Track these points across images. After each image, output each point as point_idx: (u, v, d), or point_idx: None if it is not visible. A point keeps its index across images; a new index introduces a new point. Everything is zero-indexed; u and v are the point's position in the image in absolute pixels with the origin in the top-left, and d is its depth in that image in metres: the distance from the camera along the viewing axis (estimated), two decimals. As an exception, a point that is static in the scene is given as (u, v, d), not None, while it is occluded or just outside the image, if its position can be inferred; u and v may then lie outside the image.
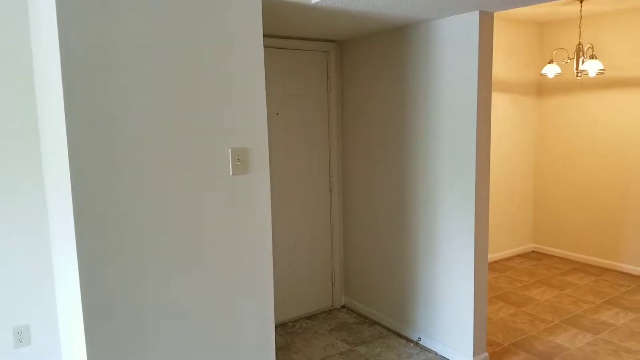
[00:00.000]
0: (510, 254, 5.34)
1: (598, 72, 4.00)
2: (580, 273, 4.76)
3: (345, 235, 3.90)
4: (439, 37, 2.97)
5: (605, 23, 4.64)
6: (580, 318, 3.72)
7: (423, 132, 3.14)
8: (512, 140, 5.18)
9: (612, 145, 4.76)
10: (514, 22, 4.99)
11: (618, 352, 3.18)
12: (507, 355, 3.16)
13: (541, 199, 5.41)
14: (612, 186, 4.79)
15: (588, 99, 4.89)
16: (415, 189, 3.24)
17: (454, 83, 2.90)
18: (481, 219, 2.90)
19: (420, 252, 3.24)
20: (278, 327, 3.61)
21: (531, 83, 5.24)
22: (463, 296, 2.97)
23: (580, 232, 5.09)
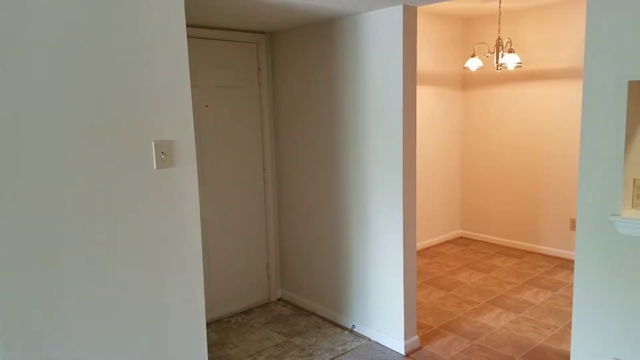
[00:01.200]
0: (440, 240, 5.56)
1: (516, 66, 4.22)
2: (504, 256, 5.03)
3: (281, 228, 3.89)
4: (366, 31, 3.02)
5: (523, 19, 4.91)
6: (504, 298, 3.94)
7: (353, 125, 3.18)
8: (438, 131, 5.37)
9: (530, 135, 5.05)
10: (439, 17, 5.16)
11: (538, 329, 3.40)
12: (437, 337, 3.29)
13: (467, 188, 5.66)
14: (532, 174, 5.09)
15: (508, 91, 5.15)
16: (347, 180, 3.28)
17: (381, 76, 2.96)
18: (409, 209, 2.99)
19: (353, 242, 3.30)
20: (212, 324, 3.56)
21: (456, 76, 5.45)
22: (394, 283, 3.06)
23: (504, 218, 5.38)
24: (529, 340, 3.22)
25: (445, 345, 3.18)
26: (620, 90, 2.01)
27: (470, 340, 3.24)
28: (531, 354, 3.06)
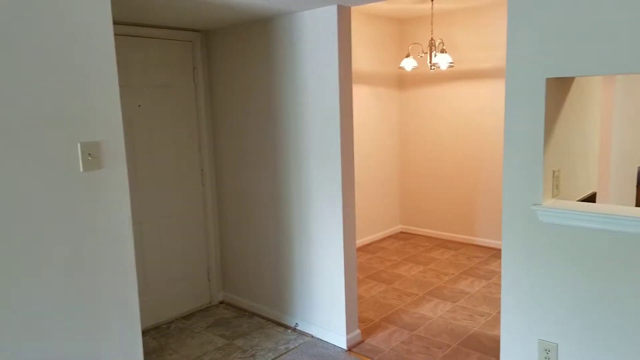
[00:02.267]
0: (382, 236, 5.68)
1: (449, 66, 4.38)
2: (442, 249, 5.21)
3: (221, 229, 3.84)
4: (302, 30, 3.03)
5: (455, 20, 5.10)
6: (441, 289, 4.08)
7: (292, 124, 3.19)
8: (377, 130, 5.49)
9: (464, 132, 5.26)
10: (375, 18, 5.27)
11: (473, 316, 3.55)
12: (378, 330, 3.36)
13: (406, 184, 5.82)
14: (467, 169, 5.31)
15: (443, 90, 5.34)
16: (288, 180, 3.29)
17: (318, 75, 2.99)
18: (348, 206, 3.03)
19: (295, 241, 3.31)
20: (151, 331, 3.45)
21: (393, 76, 5.59)
22: (335, 280, 3.10)
23: (442, 212, 5.57)
24: (465, 328, 3.36)
25: (386, 337, 3.25)
26: (538, 87, 2.14)
27: (410, 331, 3.33)
28: (466, 340, 3.19)
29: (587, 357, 2.13)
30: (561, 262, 2.16)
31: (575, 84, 2.40)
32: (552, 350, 2.23)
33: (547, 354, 2.25)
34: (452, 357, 2.99)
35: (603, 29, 1.91)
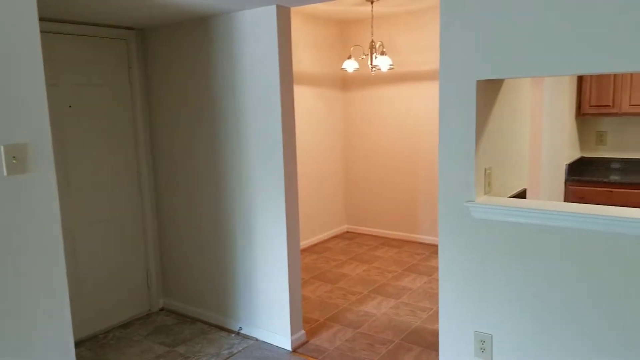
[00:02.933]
0: (328, 236, 5.72)
1: (389, 68, 4.47)
2: (386, 247, 5.31)
3: (161, 234, 3.73)
4: (242, 29, 3.00)
5: (395, 23, 5.22)
6: (385, 286, 4.16)
7: (233, 126, 3.15)
8: (321, 131, 5.52)
9: (406, 132, 5.39)
10: (318, 19, 5.30)
11: (415, 312, 3.64)
12: (323, 330, 3.38)
13: (351, 184, 5.89)
14: (409, 169, 5.44)
15: (384, 92, 5.45)
16: (229, 182, 3.24)
17: (258, 76, 2.97)
18: (291, 208, 3.03)
19: (238, 244, 3.26)
20: (86, 341, 3.30)
21: (336, 77, 5.64)
22: (279, 282, 3.08)
23: (386, 211, 5.68)
24: (407, 323, 3.44)
25: (330, 337, 3.27)
26: (469, 89, 2.22)
27: (354, 329, 3.37)
28: (409, 335, 3.26)
29: (519, 345, 2.23)
30: (493, 256, 2.25)
31: (505, 86, 2.51)
32: (487, 340, 2.32)
33: (483, 344, 2.34)
34: (394, 352, 3.05)
35: (530, 33, 2.01)
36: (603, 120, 4.46)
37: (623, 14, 1.80)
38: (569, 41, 1.92)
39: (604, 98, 4.17)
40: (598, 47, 1.86)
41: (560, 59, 1.95)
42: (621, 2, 1.80)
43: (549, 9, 1.94)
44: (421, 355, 3.01)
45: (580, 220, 2.00)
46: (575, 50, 1.91)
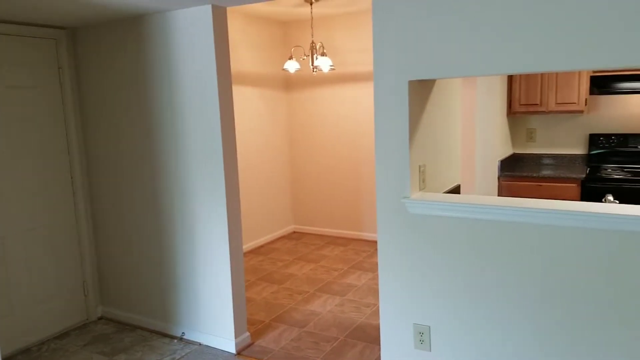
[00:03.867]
0: (275, 236, 5.71)
1: (330, 68, 4.52)
2: (333, 245, 5.37)
3: (98, 241, 3.60)
4: (176, 29, 2.95)
5: (335, 24, 5.28)
6: (331, 284, 4.20)
7: (171, 128, 3.09)
8: (266, 131, 5.51)
9: (349, 132, 5.47)
10: (260, 20, 5.28)
11: (359, 308, 3.70)
12: (268, 331, 3.37)
13: (297, 184, 5.91)
14: (352, 168, 5.52)
15: (327, 92, 5.51)
16: (168, 185, 3.17)
17: (195, 76, 2.93)
18: (233, 210, 3.01)
19: (178, 249, 3.20)
20: (18, 355, 3.13)
21: (279, 78, 5.64)
22: (221, 285, 3.05)
23: (331, 210, 5.74)
24: (352, 320, 3.49)
25: (276, 337, 3.27)
26: (402, 89, 2.29)
27: (300, 328, 3.39)
28: (353, 331, 3.31)
29: (456, 335, 2.32)
30: (430, 249, 2.33)
31: (437, 85, 2.61)
32: (425, 332, 2.40)
33: (421, 336, 2.41)
34: (339, 349, 3.09)
35: (459, 35, 2.10)
36: (532, 118, 4.71)
37: (547, 15, 1.91)
38: (496, 42, 2.02)
39: (532, 97, 4.41)
40: (523, 48, 1.97)
41: (487, 60, 2.05)
42: (545, 4, 1.91)
43: (477, 11, 2.04)
44: (365, 350, 3.07)
45: (509, 214, 2.11)
46: (502, 52, 2.01)
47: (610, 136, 4.35)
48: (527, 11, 1.93)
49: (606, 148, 4.37)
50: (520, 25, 1.95)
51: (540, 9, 1.90)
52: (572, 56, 1.87)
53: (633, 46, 1.77)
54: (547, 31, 1.90)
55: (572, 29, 1.86)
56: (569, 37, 1.87)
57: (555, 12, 1.88)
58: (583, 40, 1.85)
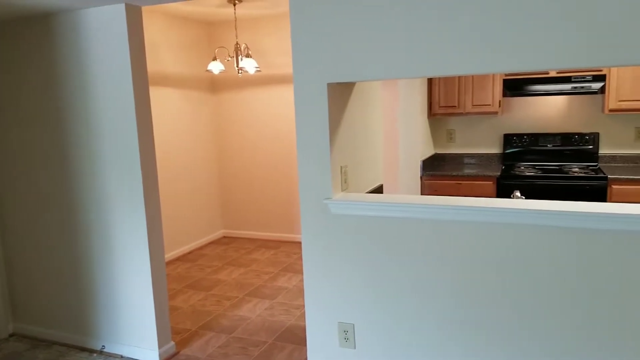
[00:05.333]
0: (204, 242, 5.58)
1: (256, 70, 4.49)
2: (263, 249, 5.33)
3: (8, 256, 3.35)
4: (90, 29, 2.81)
5: (260, 25, 5.26)
6: (261, 288, 4.17)
7: (85, 133, 2.94)
8: (192, 134, 5.38)
9: (275, 134, 5.46)
10: (182, 20, 5.15)
11: (289, 310, 3.70)
12: (195, 339, 3.29)
13: (227, 188, 5.82)
14: (281, 170, 5.51)
15: (254, 94, 5.47)
16: (83, 193, 3.01)
17: (109, 78, 2.80)
18: (153, 217, 2.91)
19: (95, 259, 3.05)
20: None
21: (205, 79, 5.53)
22: (143, 294, 2.94)
23: (261, 213, 5.70)
24: (281, 323, 3.49)
25: (202, 345, 3.20)
26: (321, 91, 2.32)
27: (228, 334, 3.33)
28: (282, 334, 3.31)
29: (379, 332, 2.38)
30: (352, 248, 2.37)
31: (357, 88, 2.66)
32: (349, 330, 2.44)
33: (346, 334, 2.45)
34: (267, 352, 3.07)
35: (375, 39, 2.15)
36: (451, 120, 4.94)
37: (458, 21, 2.01)
38: (411, 47, 2.09)
39: (451, 100, 4.62)
40: (436, 53, 2.05)
41: (403, 64, 2.11)
42: (457, 10, 2.00)
43: (392, 16, 2.10)
44: (294, 352, 3.07)
45: (422, 211, 2.19)
46: (417, 56, 2.08)
47: (522, 136, 4.64)
48: (439, 17, 2.02)
49: (519, 147, 4.66)
50: (433, 30, 2.04)
51: (451, 15, 2.00)
52: (483, 60, 1.97)
53: (539, 50, 1.90)
54: (459, 36, 2.00)
55: (482, 34, 1.96)
56: (480, 43, 1.97)
57: (466, 19, 1.97)
58: (492, 45, 1.95)
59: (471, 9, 1.95)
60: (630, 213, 1.86)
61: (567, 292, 2.01)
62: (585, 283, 1.98)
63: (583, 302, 1.99)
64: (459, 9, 1.97)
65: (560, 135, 4.52)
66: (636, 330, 1.93)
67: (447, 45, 2.01)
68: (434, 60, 2.05)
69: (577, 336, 2.02)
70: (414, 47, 2.07)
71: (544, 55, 1.88)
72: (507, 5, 1.90)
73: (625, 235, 1.90)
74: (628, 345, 1.95)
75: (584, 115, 4.49)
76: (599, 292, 1.96)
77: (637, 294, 1.91)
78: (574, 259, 1.98)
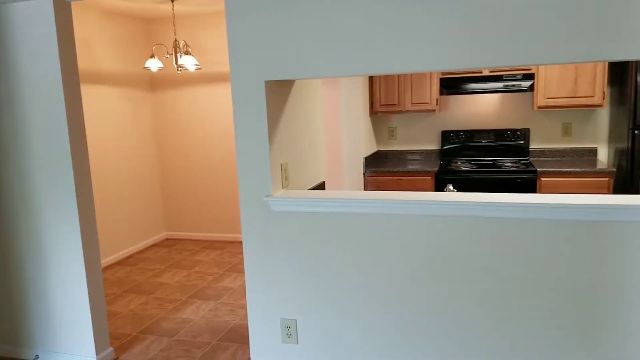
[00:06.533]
0: (146, 245, 5.43)
1: (196, 68, 4.42)
2: (208, 250, 5.25)
3: None
4: (15, 24, 2.67)
5: (200, 22, 5.17)
6: (205, 289, 4.11)
7: (11, 137, 2.78)
8: (131, 133, 5.21)
9: (217, 133, 5.39)
10: (119, 16, 4.98)
11: (234, 310, 3.66)
12: (135, 344, 3.20)
13: (169, 189, 5.68)
14: (226, 169, 5.45)
15: (195, 92, 5.37)
16: (11, 200, 2.85)
17: (38, 77, 2.67)
18: (87, 221, 2.80)
19: (26, 265, 2.90)
20: None
21: (144, 77, 5.38)
22: (78, 301, 2.83)
23: (206, 213, 5.61)
24: (226, 323, 3.45)
25: (143, 349, 3.11)
26: (259, 89, 2.31)
27: (170, 338, 3.26)
28: (226, 335, 3.28)
29: (321, 327, 2.40)
30: (293, 245, 2.38)
31: (297, 85, 2.67)
32: (292, 326, 2.45)
33: (289, 330, 2.46)
34: (211, 354, 3.03)
35: (312, 37, 2.17)
36: (393, 117, 5.05)
37: (393, 20, 2.06)
38: (346, 46, 2.12)
39: (391, 98, 4.73)
40: (373, 51, 2.09)
41: (339, 62, 2.14)
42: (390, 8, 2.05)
43: (328, 14, 2.12)
44: (237, 351, 3.05)
45: (361, 206, 2.24)
46: (355, 54, 2.11)
47: (459, 132, 4.82)
48: (377, 16, 2.06)
49: (456, 143, 4.84)
50: (371, 29, 2.08)
51: (388, 14, 2.04)
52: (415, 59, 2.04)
53: (471, 50, 1.98)
54: (395, 35, 2.05)
55: (416, 34, 2.02)
56: (415, 42, 2.03)
57: (402, 18, 2.03)
58: (425, 44, 2.02)
59: (407, 10, 2.01)
60: (555, 203, 1.99)
61: (490, 280, 2.11)
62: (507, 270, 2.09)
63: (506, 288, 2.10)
64: (395, 9, 2.02)
65: (494, 131, 4.73)
66: (564, 314, 2.06)
67: (383, 44, 2.06)
68: (370, 59, 2.10)
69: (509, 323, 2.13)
70: (351, 46, 2.11)
71: (474, 54, 1.97)
72: (441, 5, 1.97)
73: (552, 224, 2.02)
74: (558, 332, 2.08)
75: (515, 112, 4.73)
76: (524, 280, 2.08)
77: (559, 278, 2.04)
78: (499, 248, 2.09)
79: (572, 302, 2.04)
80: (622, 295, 1.98)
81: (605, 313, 2.01)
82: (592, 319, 2.03)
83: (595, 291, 2.01)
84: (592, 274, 2.00)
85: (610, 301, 2.00)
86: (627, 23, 1.81)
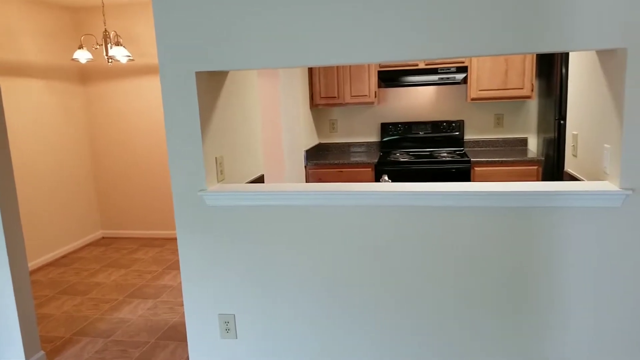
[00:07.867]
0: (80, 244, 5.20)
1: (128, 59, 4.25)
2: (147, 248, 5.10)
3: None
4: None
5: (131, 12, 4.97)
6: (144, 288, 3.99)
7: None
8: (59, 129, 4.96)
9: (152, 126, 5.23)
10: (44, 5, 4.70)
11: (173, 308, 3.58)
12: (68, 346, 3.07)
13: (104, 186, 5.46)
14: (162, 164, 5.29)
15: (128, 85, 5.17)
16: None
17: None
18: (11, 222, 2.64)
19: (-60, 267, 2.70)
20: None
21: (73, 69, 5.12)
22: (4, 305, 2.67)
23: (144, 210, 5.43)
24: (165, 321, 3.37)
25: (77, 352, 2.99)
26: (189, 80, 2.26)
27: (105, 339, 3.15)
28: (165, 333, 3.20)
29: (260, 321, 2.39)
30: (229, 239, 2.35)
31: (231, 77, 2.63)
32: (230, 321, 2.43)
33: (227, 325, 2.43)
34: (149, 353, 2.96)
35: (244, 26, 2.13)
36: (333, 110, 5.09)
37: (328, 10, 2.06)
38: (278, 36, 2.10)
39: (331, 91, 4.76)
40: (305, 42, 2.09)
41: (274, 52, 2.12)
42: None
43: (260, 2, 2.09)
44: (177, 349, 2.99)
45: (297, 198, 2.24)
46: (288, 43, 2.10)
47: (397, 124, 4.92)
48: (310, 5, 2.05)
49: (395, 135, 4.94)
50: (303, 19, 2.07)
51: (322, 3, 2.04)
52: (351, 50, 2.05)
53: (407, 43, 2.01)
54: (327, 25, 2.05)
55: (352, 24, 2.04)
56: (348, 32, 2.04)
57: (335, 7, 2.03)
58: (361, 35, 2.04)
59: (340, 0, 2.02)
60: (485, 190, 2.07)
61: (424, 266, 2.18)
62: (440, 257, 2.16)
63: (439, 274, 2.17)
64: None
65: (430, 123, 4.86)
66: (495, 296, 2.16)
67: (318, 35, 2.07)
68: (304, 50, 2.09)
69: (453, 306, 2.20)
70: (285, 36, 2.09)
71: (412, 46, 2.01)
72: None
73: (482, 211, 2.10)
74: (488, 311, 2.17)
75: (450, 104, 4.88)
76: (455, 265, 2.16)
77: (489, 261, 2.13)
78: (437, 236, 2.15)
79: (503, 283, 2.14)
80: (549, 275, 2.10)
81: (534, 293, 2.13)
82: (521, 298, 2.14)
83: (524, 272, 2.12)
84: (522, 256, 2.11)
85: (539, 281, 2.11)
86: (556, 16, 1.90)
